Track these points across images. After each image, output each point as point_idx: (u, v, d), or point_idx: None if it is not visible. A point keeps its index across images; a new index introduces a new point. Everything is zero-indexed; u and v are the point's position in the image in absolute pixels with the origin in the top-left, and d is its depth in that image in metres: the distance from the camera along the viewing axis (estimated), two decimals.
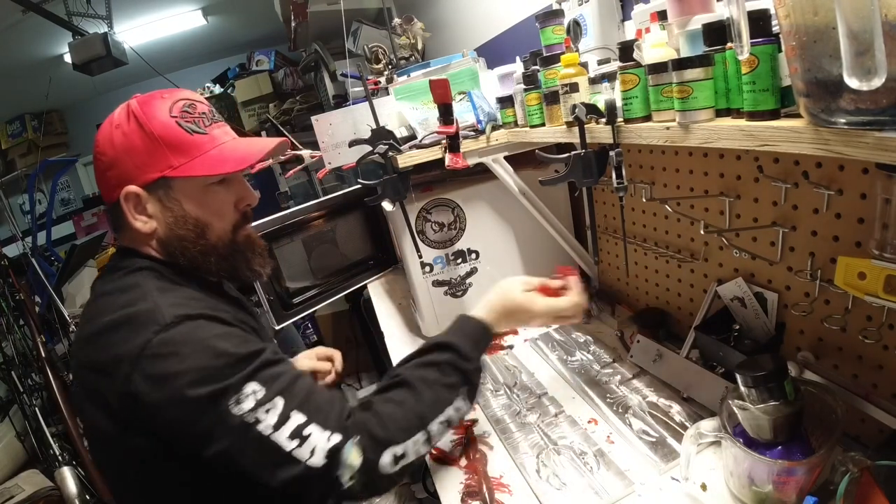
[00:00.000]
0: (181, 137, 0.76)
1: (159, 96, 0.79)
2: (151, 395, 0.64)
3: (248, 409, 0.64)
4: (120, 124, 0.76)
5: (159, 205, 0.78)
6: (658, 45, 0.67)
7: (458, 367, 0.78)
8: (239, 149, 0.81)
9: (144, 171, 0.76)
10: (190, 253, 0.80)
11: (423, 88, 1.25)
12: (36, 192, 3.68)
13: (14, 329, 2.83)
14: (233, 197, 0.84)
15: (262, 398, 0.65)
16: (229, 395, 0.64)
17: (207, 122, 0.80)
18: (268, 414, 0.64)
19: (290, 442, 0.64)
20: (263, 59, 4.37)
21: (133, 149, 0.75)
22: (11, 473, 2.51)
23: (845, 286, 0.69)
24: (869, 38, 0.36)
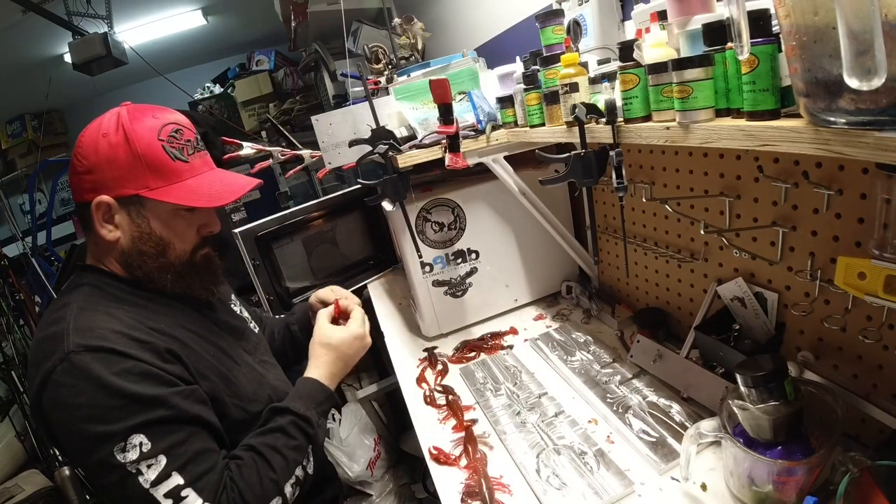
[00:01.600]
0: (163, 162, 0.80)
1: (151, 115, 0.82)
2: (52, 418, 0.69)
3: (131, 459, 0.66)
4: (108, 133, 0.78)
5: (127, 218, 0.81)
6: (658, 44, 0.67)
7: (300, 428, 0.83)
8: (214, 184, 0.85)
9: (121, 184, 0.79)
10: (147, 267, 0.84)
11: (423, 88, 1.25)
12: (36, 192, 3.68)
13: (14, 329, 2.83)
14: (197, 222, 0.88)
15: (147, 452, 0.67)
16: (115, 441, 0.66)
17: (191, 150, 0.84)
18: (149, 469, 0.66)
19: (165, 500, 0.67)
20: (263, 59, 4.36)
21: (115, 161, 0.78)
22: (11, 473, 2.51)
23: (845, 286, 0.69)
24: (869, 38, 0.36)
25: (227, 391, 0.85)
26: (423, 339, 1.48)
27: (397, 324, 1.61)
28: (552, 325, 1.39)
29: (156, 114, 0.82)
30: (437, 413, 1.13)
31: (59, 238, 4.25)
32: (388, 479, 1.95)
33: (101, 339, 0.71)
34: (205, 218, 0.89)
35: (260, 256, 1.67)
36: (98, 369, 0.69)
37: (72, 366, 0.69)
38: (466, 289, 1.43)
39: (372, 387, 2.00)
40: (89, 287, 0.82)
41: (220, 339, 0.93)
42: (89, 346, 0.70)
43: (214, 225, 0.91)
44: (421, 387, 1.24)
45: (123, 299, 0.82)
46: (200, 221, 0.89)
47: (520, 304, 1.51)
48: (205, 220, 0.89)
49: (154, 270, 0.84)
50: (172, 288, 0.87)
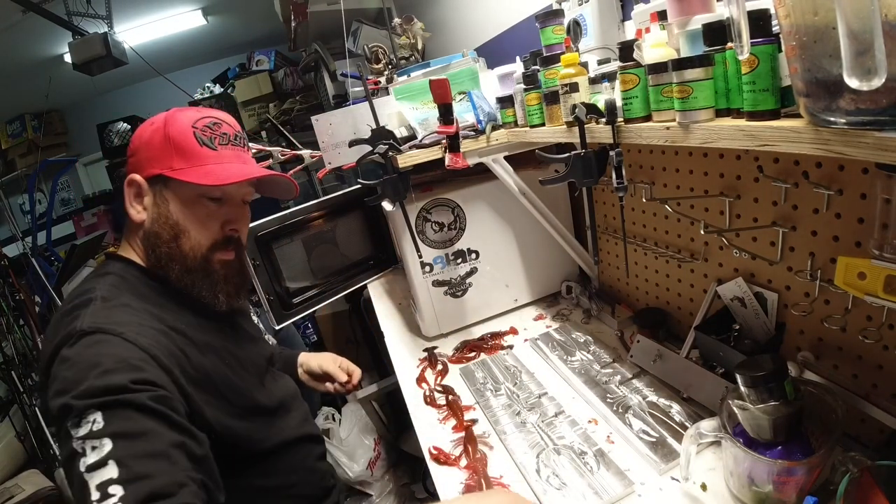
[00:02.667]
0: (190, 145, 0.83)
1: (196, 110, 0.86)
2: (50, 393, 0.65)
3: (79, 435, 0.59)
4: (154, 122, 0.84)
5: (152, 199, 0.84)
6: (658, 45, 0.67)
7: None
8: (232, 169, 0.84)
9: (151, 165, 0.83)
10: (159, 251, 0.84)
11: (423, 88, 1.25)
12: (36, 192, 3.68)
13: (14, 329, 2.83)
14: (223, 216, 0.87)
15: (95, 432, 0.59)
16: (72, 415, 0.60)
17: (224, 142, 0.86)
18: (92, 451, 0.58)
19: (95, 491, 0.56)
20: (263, 59, 4.37)
21: (150, 144, 0.83)
22: (11, 473, 2.51)
23: (845, 286, 0.69)
24: (869, 38, 0.36)
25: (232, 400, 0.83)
26: (423, 339, 1.48)
27: (397, 324, 1.61)
28: (552, 325, 1.39)
29: (202, 109, 0.87)
30: (437, 413, 1.13)
31: (59, 238, 4.26)
32: (388, 479, 1.95)
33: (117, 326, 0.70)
34: (232, 214, 0.88)
35: (260, 256, 1.67)
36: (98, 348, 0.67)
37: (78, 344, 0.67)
38: (466, 289, 1.43)
39: (372, 387, 2.00)
40: (115, 277, 0.82)
41: (236, 347, 0.91)
42: (102, 328, 0.69)
43: (240, 223, 0.89)
44: (421, 387, 1.24)
45: (147, 296, 0.82)
46: (226, 217, 0.87)
47: (520, 304, 1.51)
48: (231, 217, 0.87)
49: (163, 256, 0.84)
50: (177, 280, 0.84)
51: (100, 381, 0.62)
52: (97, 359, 0.65)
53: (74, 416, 0.60)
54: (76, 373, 0.64)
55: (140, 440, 0.61)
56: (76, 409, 0.61)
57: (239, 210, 0.90)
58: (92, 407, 0.60)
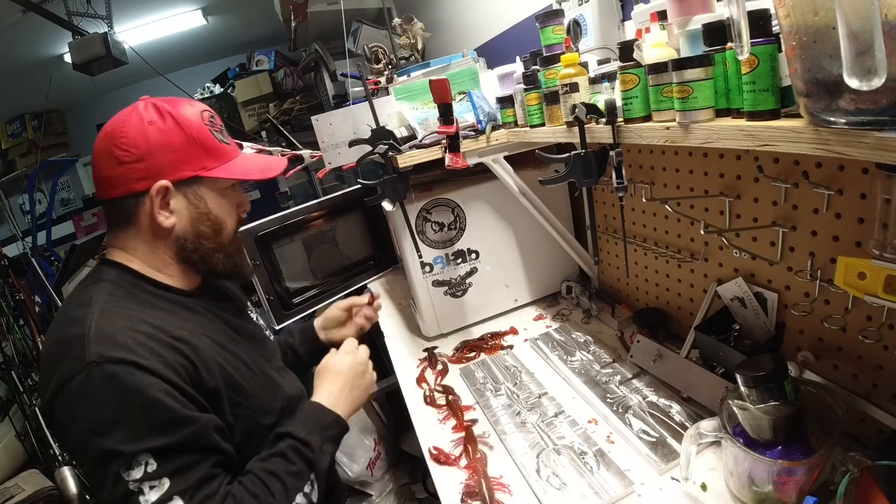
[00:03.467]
0: (214, 143, 0.83)
1: (185, 102, 0.84)
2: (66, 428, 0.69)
3: (135, 477, 0.66)
4: (154, 121, 0.79)
5: (184, 201, 0.82)
6: (658, 45, 0.67)
7: (300, 453, 0.80)
8: (259, 162, 0.90)
9: (180, 168, 0.80)
10: (203, 248, 0.86)
11: (423, 88, 1.25)
12: (36, 192, 3.68)
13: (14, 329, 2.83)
14: (237, 201, 0.91)
15: (152, 473, 0.66)
16: (122, 460, 0.66)
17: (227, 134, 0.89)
18: (151, 490, 0.66)
19: None
20: (263, 59, 4.36)
21: (170, 145, 0.79)
22: (11, 473, 2.51)
23: (845, 286, 0.69)
24: (869, 38, 0.36)
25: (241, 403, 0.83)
26: (423, 339, 1.48)
27: (397, 324, 1.61)
28: (552, 325, 1.39)
29: (188, 102, 0.86)
30: (437, 413, 1.13)
31: (59, 238, 4.26)
32: (388, 479, 1.95)
33: (123, 350, 0.70)
34: (240, 197, 0.92)
35: (260, 256, 1.67)
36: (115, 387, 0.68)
37: (91, 378, 0.67)
38: (466, 289, 1.43)
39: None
40: (111, 284, 0.80)
41: (240, 348, 0.91)
42: (112, 359, 0.69)
43: (247, 204, 0.95)
44: (421, 387, 1.24)
45: (146, 302, 0.81)
46: (238, 200, 0.92)
47: (520, 304, 1.51)
48: (240, 200, 0.92)
49: (209, 251, 0.86)
50: (224, 267, 0.89)
51: (142, 425, 0.67)
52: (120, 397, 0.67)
53: (124, 461, 0.66)
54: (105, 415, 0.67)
55: (192, 471, 0.69)
56: (126, 455, 0.65)
57: (241, 192, 0.94)
58: (142, 452, 0.66)
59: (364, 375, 0.96)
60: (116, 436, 0.66)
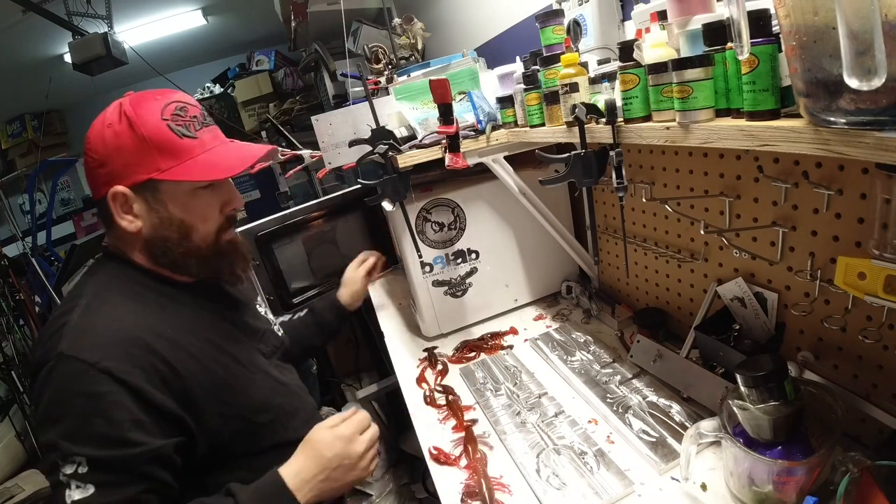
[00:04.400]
0: (171, 141, 0.77)
1: (152, 97, 0.80)
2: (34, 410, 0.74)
3: (67, 472, 0.66)
4: (112, 123, 0.77)
5: (145, 205, 0.79)
6: (658, 44, 0.67)
7: None
8: (229, 156, 0.81)
9: (133, 171, 0.77)
10: (172, 254, 0.81)
11: (423, 88, 1.25)
12: (36, 192, 3.68)
13: (14, 329, 2.83)
14: (219, 200, 0.84)
15: (82, 475, 0.67)
16: (59, 453, 0.67)
17: (198, 125, 0.81)
18: (76, 490, 0.66)
19: None
20: (263, 59, 4.36)
21: (123, 149, 0.76)
22: (11, 473, 2.51)
23: (845, 286, 0.69)
24: (869, 38, 0.36)
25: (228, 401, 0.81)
26: (423, 339, 1.48)
27: (397, 324, 1.61)
28: (552, 325, 1.39)
29: (157, 96, 0.80)
30: (437, 413, 1.13)
31: (59, 238, 4.26)
32: (388, 479, 1.95)
33: (94, 351, 0.70)
34: (226, 194, 0.85)
35: (260, 256, 1.67)
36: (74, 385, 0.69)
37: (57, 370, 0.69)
38: (466, 289, 1.43)
39: (372, 387, 2.00)
40: (106, 276, 0.80)
41: (235, 345, 0.89)
42: (78, 357, 0.69)
43: (237, 201, 0.87)
44: (421, 387, 1.24)
45: (136, 295, 0.80)
46: (222, 199, 0.85)
47: (520, 304, 1.51)
48: (227, 197, 0.85)
49: (179, 256, 0.82)
50: (199, 273, 0.84)
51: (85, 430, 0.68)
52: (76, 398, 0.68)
53: (61, 455, 0.67)
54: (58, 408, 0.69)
55: (120, 489, 0.68)
56: (62, 450, 0.67)
57: (231, 188, 0.87)
58: (77, 454, 0.67)
59: (350, 471, 0.81)
60: (60, 430, 0.68)
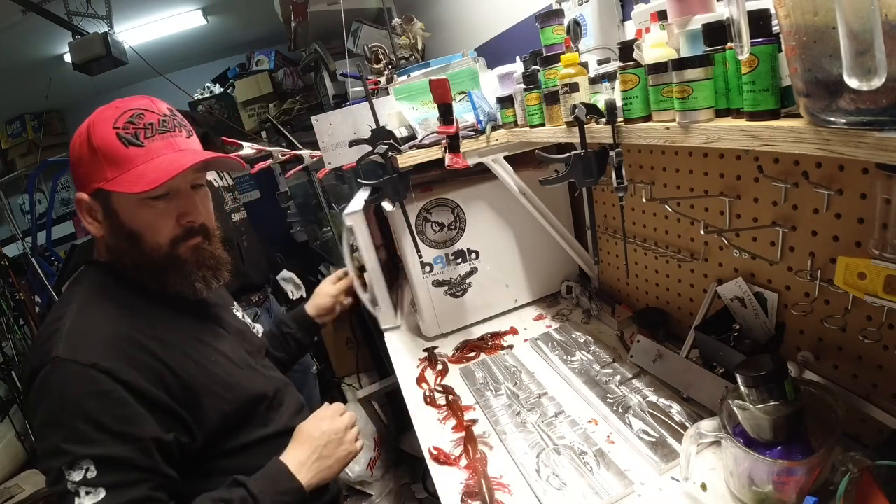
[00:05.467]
0: (116, 150, 0.77)
1: (115, 106, 0.81)
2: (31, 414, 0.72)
3: (75, 479, 0.66)
4: (80, 133, 0.80)
5: (102, 213, 0.82)
6: (658, 44, 0.67)
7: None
8: (163, 165, 0.78)
9: (90, 180, 0.80)
10: (124, 261, 0.83)
11: (423, 88, 1.25)
12: (36, 192, 3.68)
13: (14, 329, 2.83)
14: (174, 211, 0.83)
15: (91, 480, 0.67)
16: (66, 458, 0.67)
17: (150, 133, 0.80)
18: (87, 496, 0.66)
19: None
20: (263, 59, 4.36)
21: (81, 159, 0.79)
22: (11, 473, 2.51)
23: (845, 286, 0.69)
24: (869, 38, 0.36)
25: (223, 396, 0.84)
26: (423, 339, 1.48)
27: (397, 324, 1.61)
28: (552, 325, 1.39)
29: (119, 104, 0.80)
30: (437, 413, 1.13)
31: (59, 238, 4.25)
32: (388, 479, 1.95)
33: (90, 352, 0.72)
34: (183, 206, 0.83)
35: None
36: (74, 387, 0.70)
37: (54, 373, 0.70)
38: (466, 289, 1.43)
39: (372, 387, 2.00)
40: (90, 284, 0.83)
41: (223, 343, 0.92)
42: (76, 360, 0.71)
43: (194, 214, 0.84)
44: (421, 387, 1.24)
45: (125, 297, 0.82)
46: (178, 210, 0.83)
47: (520, 304, 1.51)
48: (183, 209, 0.83)
49: (130, 266, 0.83)
50: (151, 282, 0.84)
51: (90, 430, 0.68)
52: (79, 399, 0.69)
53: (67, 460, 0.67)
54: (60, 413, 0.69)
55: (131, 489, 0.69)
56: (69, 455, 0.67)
57: (189, 199, 0.84)
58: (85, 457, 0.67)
59: (338, 445, 0.90)
60: (65, 434, 0.68)
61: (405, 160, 1.14)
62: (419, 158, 1.15)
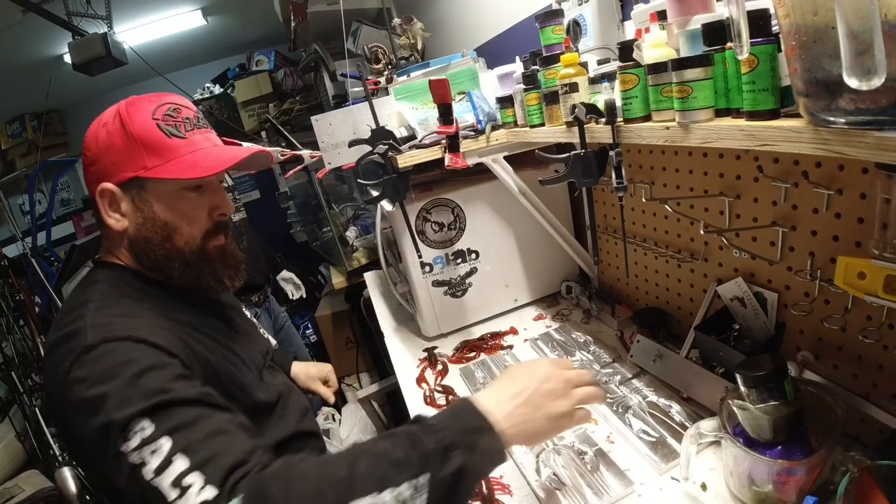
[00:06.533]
0: (158, 139, 0.77)
1: (147, 98, 0.81)
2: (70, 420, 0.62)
3: (133, 447, 0.58)
4: (106, 123, 0.78)
5: (131, 204, 0.79)
6: (658, 44, 0.67)
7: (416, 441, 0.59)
8: (212, 156, 0.80)
9: (120, 169, 0.77)
10: (154, 255, 0.80)
11: (423, 88, 1.25)
12: (36, 192, 3.68)
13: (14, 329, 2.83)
14: (206, 204, 0.84)
15: (149, 437, 0.58)
16: (117, 430, 0.58)
17: (189, 126, 0.81)
18: (152, 456, 0.57)
19: (172, 490, 0.55)
20: (263, 59, 4.36)
21: (112, 147, 0.77)
22: (11, 473, 2.51)
23: (845, 286, 0.69)
24: (869, 38, 0.36)
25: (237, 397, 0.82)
26: (423, 339, 1.48)
27: (397, 324, 1.61)
28: (552, 325, 1.39)
29: (152, 98, 0.81)
30: None
31: (59, 238, 4.25)
32: None
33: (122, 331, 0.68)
34: (215, 199, 0.84)
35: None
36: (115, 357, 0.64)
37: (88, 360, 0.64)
38: (466, 289, 1.43)
39: (372, 387, 2.00)
40: (105, 284, 0.79)
41: (237, 345, 0.90)
42: (109, 338, 0.66)
43: (226, 206, 0.86)
44: (421, 387, 1.24)
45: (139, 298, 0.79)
46: (210, 203, 0.84)
47: (520, 304, 1.51)
48: (215, 202, 0.84)
49: (161, 258, 0.80)
50: (180, 278, 0.83)
51: (132, 389, 0.61)
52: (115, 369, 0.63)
53: (119, 432, 0.58)
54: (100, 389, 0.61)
55: (195, 427, 0.60)
56: (119, 424, 0.59)
57: (220, 193, 0.86)
58: (136, 416, 0.59)
59: (552, 398, 0.68)
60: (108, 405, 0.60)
61: (405, 160, 1.14)
62: (419, 158, 1.15)
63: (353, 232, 2.72)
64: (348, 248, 2.69)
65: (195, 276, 0.84)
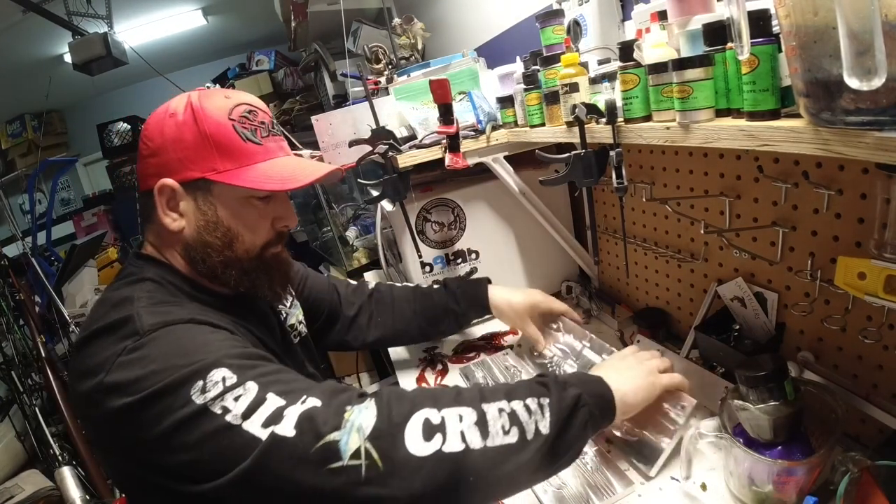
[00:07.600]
0: (233, 142, 0.72)
1: (223, 95, 0.76)
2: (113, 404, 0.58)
3: (213, 395, 0.54)
4: (175, 113, 0.72)
5: (193, 205, 0.74)
6: (658, 45, 0.67)
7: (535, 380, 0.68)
8: (288, 168, 0.76)
9: (187, 167, 0.72)
10: (212, 261, 0.75)
11: (423, 88, 1.25)
12: (36, 192, 3.68)
13: (14, 329, 2.83)
14: (271, 214, 0.79)
15: (233, 384, 0.56)
16: (191, 383, 0.55)
17: (265, 132, 0.76)
18: (237, 401, 0.54)
19: (263, 430, 0.53)
20: (263, 59, 4.37)
21: (181, 141, 0.71)
22: (11, 473, 2.51)
23: (845, 286, 0.69)
24: (869, 38, 0.36)
25: None
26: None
27: None
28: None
29: (227, 94, 0.76)
30: None
31: (59, 238, 4.26)
32: None
33: (180, 315, 0.65)
34: (280, 210, 0.80)
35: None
36: (175, 335, 0.61)
37: (145, 340, 0.60)
38: None
39: (372, 387, 2.00)
40: (152, 283, 0.73)
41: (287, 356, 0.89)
42: (166, 322, 0.63)
43: (290, 219, 0.82)
44: (421, 387, 1.24)
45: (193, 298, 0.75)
46: (275, 213, 0.80)
47: None
48: (280, 213, 0.80)
49: (218, 265, 0.76)
50: (236, 286, 0.78)
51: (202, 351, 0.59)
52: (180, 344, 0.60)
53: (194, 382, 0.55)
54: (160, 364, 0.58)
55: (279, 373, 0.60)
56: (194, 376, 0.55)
57: (286, 204, 0.82)
58: (210, 366, 0.56)
59: (645, 375, 0.80)
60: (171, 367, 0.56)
61: (405, 160, 1.14)
62: (419, 158, 1.15)
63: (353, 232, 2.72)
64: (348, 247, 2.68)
65: (251, 284, 0.80)
